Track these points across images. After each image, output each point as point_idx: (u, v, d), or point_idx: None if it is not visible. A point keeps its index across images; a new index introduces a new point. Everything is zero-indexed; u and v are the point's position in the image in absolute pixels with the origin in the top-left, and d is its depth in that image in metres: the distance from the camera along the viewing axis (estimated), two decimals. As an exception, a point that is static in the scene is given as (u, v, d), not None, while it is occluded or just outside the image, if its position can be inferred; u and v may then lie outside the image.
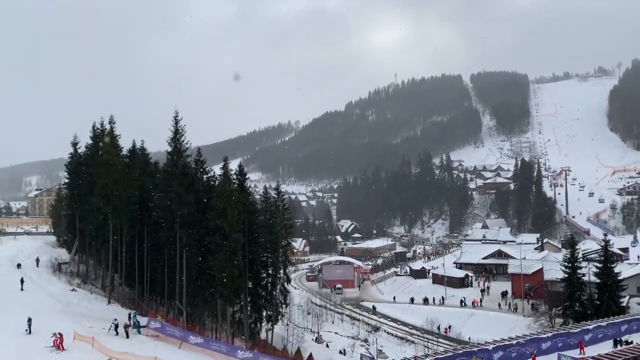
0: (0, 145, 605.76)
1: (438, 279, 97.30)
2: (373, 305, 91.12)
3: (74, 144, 65.19)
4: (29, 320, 39.51)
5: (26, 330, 39.11)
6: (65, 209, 73.84)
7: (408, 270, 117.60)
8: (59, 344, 36.36)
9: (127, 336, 42.72)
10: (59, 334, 36.75)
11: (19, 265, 61.53)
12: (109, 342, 39.49)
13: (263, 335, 55.22)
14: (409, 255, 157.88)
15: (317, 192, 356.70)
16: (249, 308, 53.20)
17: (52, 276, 60.56)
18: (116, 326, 43.10)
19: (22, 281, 52.60)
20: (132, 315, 46.60)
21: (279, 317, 56.45)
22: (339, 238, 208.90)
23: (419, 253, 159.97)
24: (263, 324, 54.97)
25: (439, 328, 72.39)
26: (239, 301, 51.66)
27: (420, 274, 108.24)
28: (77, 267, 65.44)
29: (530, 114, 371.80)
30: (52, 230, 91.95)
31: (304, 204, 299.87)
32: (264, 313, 54.72)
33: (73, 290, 55.96)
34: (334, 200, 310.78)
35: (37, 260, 64.29)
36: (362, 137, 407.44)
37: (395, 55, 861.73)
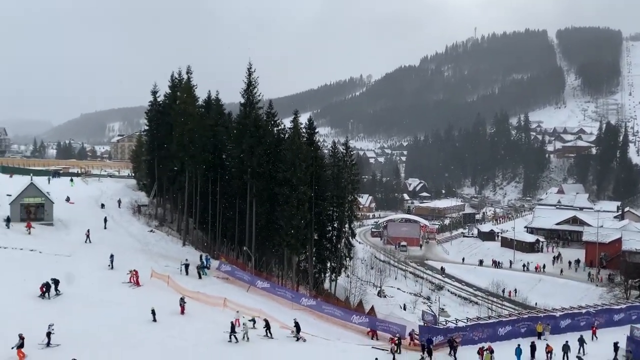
0: (87, 92, 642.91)
1: (507, 243, 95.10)
2: (442, 267, 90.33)
3: (154, 93, 67.63)
4: (111, 256, 42.68)
5: (109, 265, 42.29)
6: (144, 154, 77.61)
7: (476, 232, 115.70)
8: (135, 280, 39.05)
9: (199, 277, 45.22)
10: (134, 271, 39.42)
11: (102, 206, 65.67)
12: (182, 281, 42.05)
13: (326, 285, 56.67)
14: (478, 216, 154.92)
15: (385, 149, 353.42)
16: (314, 258, 54.62)
17: (132, 217, 64.49)
18: (186, 266, 45.68)
19: (105, 220, 56.44)
20: (204, 258, 49.26)
21: (343, 269, 57.57)
22: (406, 196, 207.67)
23: (489, 215, 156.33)
24: (327, 275, 56.32)
25: (503, 291, 71.30)
26: (304, 251, 53.13)
27: (489, 236, 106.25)
28: (155, 210, 69.25)
29: (621, 73, 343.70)
30: (133, 174, 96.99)
31: (372, 160, 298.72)
32: (328, 264, 55.96)
33: (151, 231, 59.57)
34: (403, 158, 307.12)
35: (119, 202, 68.43)
36: (436, 93, 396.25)
37: (476, 9, 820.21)
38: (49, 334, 25.11)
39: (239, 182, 53.07)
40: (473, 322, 37.24)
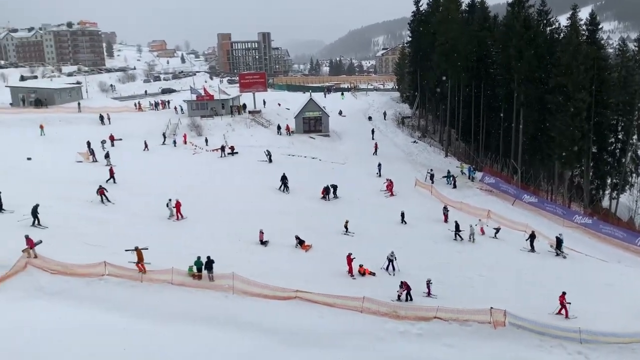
0: (353, 9, 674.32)
1: None
2: None
3: (416, 2, 66.66)
4: (379, 165, 45.90)
5: (377, 173, 45.57)
6: (407, 66, 78.84)
7: None
8: (390, 189, 40.98)
9: (455, 187, 45.04)
10: (389, 180, 41.28)
11: (370, 118, 70.15)
12: (445, 191, 42.92)
13: (605, 203, 50.82)
14: None
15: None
16: (590, 173, 49.15)
17: (396, 128, 67.41)
18: (432, 176, 45.77)
19: (372, 132, 60.31)
20: (469, 169, 49.09)
21: (627, 186, 50.52)
22: None
23: None
24: (606, 192, 50.37)
25: None
26: (579, 165, 48.12)
27: None
28: (418, 122, 70.84)
29: None
30: (396, 87, 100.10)
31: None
32: (609, 181, 49.79)
33: (414, 142, 61.49)
34: None
35: (384, 114, 71.95)
36: None
37: None
38: (428, 284, 23.26)
39: (504, 90, 49.95)
40: None
